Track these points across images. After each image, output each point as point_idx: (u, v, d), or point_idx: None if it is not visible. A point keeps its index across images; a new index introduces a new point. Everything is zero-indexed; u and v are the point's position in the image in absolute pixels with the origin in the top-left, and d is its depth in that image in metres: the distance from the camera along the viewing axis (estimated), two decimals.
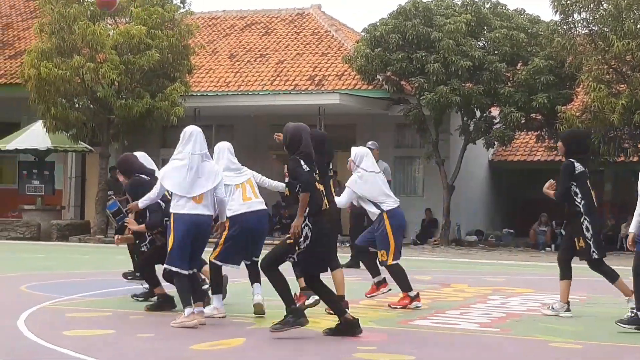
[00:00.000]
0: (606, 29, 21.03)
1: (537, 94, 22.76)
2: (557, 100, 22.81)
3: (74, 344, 7.41)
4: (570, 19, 21.79)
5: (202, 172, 8.47)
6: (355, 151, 10.22)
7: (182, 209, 8.39)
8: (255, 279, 9.17)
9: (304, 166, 7.92)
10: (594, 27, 21.75)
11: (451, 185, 24.45)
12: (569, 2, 21.41)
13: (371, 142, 14.68)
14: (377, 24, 24.41)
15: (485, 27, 24.45)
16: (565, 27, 21.92)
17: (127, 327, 8.40)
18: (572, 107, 23.30)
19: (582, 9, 21.58)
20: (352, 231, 15.40)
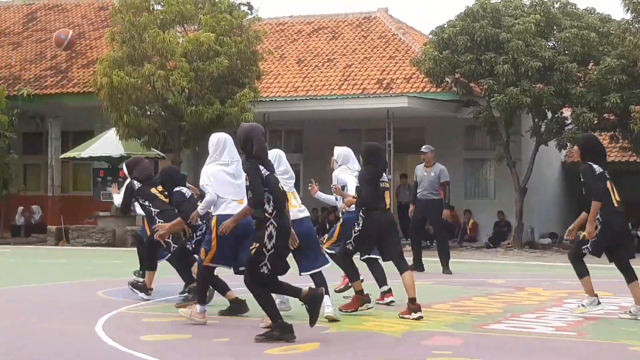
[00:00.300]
0: None
1: (610, 94, 22.40)
2: (630, 99, 22.43)
3: (151, 348, 7.52)
4: None
5: (239, 175, 8.72)
6: (337, 151, 10.43)
7: (225, 210, 8.63)
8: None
9: (263, 171, 7.79)
10: None
11: (523, 187, 24.18)
12: None
13: (425, 145, 15.24)
14: (445, 26, 24.29)
15: (555, 27, 24.19)
16: (637, 25, 21.59)
17: (203, 331, 8.46)
18: None
19: None
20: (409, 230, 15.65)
